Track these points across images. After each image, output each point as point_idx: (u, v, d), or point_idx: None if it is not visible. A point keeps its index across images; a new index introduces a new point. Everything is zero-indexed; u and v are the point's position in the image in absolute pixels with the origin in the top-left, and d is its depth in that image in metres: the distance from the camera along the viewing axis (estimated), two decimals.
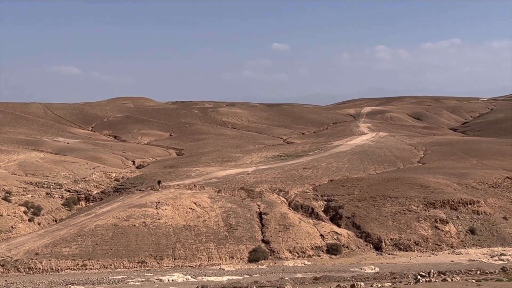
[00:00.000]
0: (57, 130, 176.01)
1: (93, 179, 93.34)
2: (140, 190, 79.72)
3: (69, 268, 54.88)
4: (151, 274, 53.25)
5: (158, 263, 56.91)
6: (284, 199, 74.32)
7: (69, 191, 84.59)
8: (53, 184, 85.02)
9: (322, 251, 61.43)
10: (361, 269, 54.99)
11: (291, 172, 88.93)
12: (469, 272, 48.21)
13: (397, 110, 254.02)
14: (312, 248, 61.36)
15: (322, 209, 72.10)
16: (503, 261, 57.67)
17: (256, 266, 57.23)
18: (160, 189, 77.37)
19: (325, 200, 73.99)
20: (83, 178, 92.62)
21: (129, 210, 66.12)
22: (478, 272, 48.04)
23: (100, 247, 57.95)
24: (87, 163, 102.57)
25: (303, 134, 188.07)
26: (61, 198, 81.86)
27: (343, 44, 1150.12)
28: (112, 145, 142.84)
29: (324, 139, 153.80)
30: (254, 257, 58.80)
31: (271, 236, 62.60)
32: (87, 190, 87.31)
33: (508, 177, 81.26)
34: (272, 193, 76.23)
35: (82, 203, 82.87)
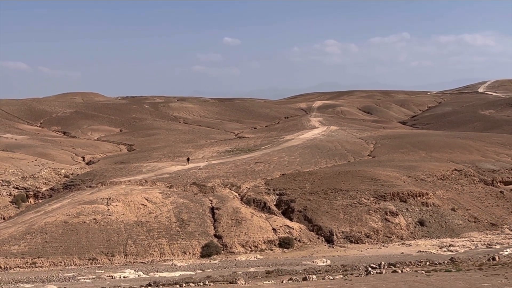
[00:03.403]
0: (4, 126, 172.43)
1: (42, 176, 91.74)
2: (90, 187, 78.72)
3: (18, 267, 53.90)
4: (102, 271, 52.62)
5: (109, 259, 56.32)
6: (237, 194, 74.32)
7: (17, 188, 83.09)
8: (0, 181, 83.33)
9: (275, 245, 61.65)
10: (313, 262, 55.37)
11: (243, 167, 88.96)
12: (419, 263, 48.93)
13: (347, 104, 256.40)
14: (264, 242, 61.52)
15: (274, 203, 72.33)
16: (452, 252, 58.78)
17: (208, 261, 57.13)
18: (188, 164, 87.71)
19: (277, 194, 74.23)
20: (32, 175, 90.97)
21: (79, 206, 65.20)
22: (428, 263, 48.80)
23: (50, 245, 57.05)
24: (35, 160, 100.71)
25: (255, 128, 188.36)
26: (9, 195, 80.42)
27: (293, 38, 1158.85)
28: (62, 141, 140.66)
29: (276, 133, 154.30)
30: (207, 252, 58.69)
31: (223, 231, 62.56)
32: (36, 187, 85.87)
33: (456, 169, 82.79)
34: (224, 188, 76.13)
35: (31, 200, 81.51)
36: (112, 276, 50.45)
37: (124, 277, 50.35)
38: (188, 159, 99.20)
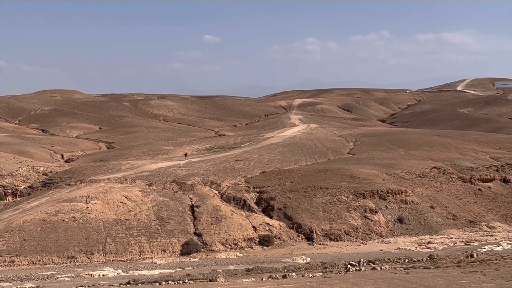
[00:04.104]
0: None
1: (20, 174, 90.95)
2: (69, 185, 78.20)
3: None
4: (81, 269, 52.37)
5: (89, 258, 56.04)
6: (216, 192, 74.21)
7: None
8: None
9: (255, 242, 61.70)
10: (292, 259, 55.48)
11: (223, 165, 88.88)
12: (398, 261, 49.21)
13: (327, 102, 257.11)
14: (244, 240, 61.54)
15: (254, 201, 72.35)
16: (430, 249, 59.19)
17: (188, 259, 57.04)
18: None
19: (257, 192, 74.24)
20: (10, 172, 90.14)
21: (58, 204, 64.75)
22: (406, 260, 49.10)
23: (28, 243, 56.63)
24: (14, 158, 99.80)
25: (235, 126, 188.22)
26: None
27: (274, 36, 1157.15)
28: (40, 139, 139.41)
29: (256, 131, 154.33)
30: (187, 250, 58.59)
31: (203, 229, 62.48)
32: (14, 185, 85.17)
33: (434, 167, 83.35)
34: (204, 185, 76.00)
35: (9, 198, 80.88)
36: (91, 275, 50.22)
37: (103, 275, 50.12)
38: (185, 154, 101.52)
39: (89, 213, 62.60)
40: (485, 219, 70.99)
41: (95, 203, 65.29)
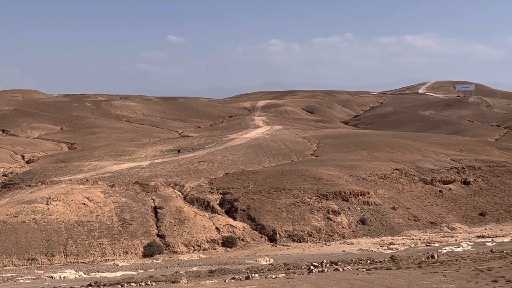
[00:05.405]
0: None
1: None
2: (30, 186, 77.10)
3: None
4: (42, 271, 51.64)
5: (49, 260, 55.30)
6: (180, 193, 73.88)
7: None
8: None
9: (218, 244, 61.56)
10: (256, 261, 55.50)
11: (187, 166, 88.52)
12: (360, 262, 49.61)
13: (291, 103, 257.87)
14: (207, 242, 61.37)
15: (218, 202, 72.17)
16: (392, 250, 59.76)
17: (151, 261, 56.67)
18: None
19: (221, 193, 74.09)
20: None
21: (18, 206, 63.75)
22: (369, 261, 49.53)
23: None
24: None
25: (198, 127, 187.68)
26: None
27: (237, 38, 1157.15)
28: (0, 140, 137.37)
29: (220, 132, 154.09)
30: (149, 251, 58.20)
31: (166, 230, 62.14)
32: None
33: (396, 169, 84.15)
34: (168, 187, 75.60)
35: None
36: (52, 277, 49.58)
37: (64, 277, 49.54)
38: (179, 151, 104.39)
39: (50, 215, 61.77)
40: (445, 221, 71.91)
41: (56, 204, 64.45)
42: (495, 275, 32.93)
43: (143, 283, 41.06)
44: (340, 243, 63.82)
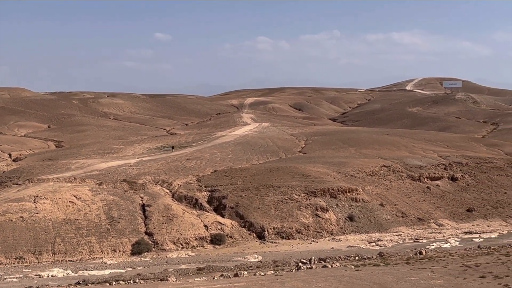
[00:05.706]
0: None
1: None
2: (17, 184, 76.72)
3: None
4: (30, 270, 51.46)
5: (37, 258, 55.09)
6: (168, 191, 73.74)
7: None
8: None
9: (206, 241, 61.54)
10: (244, 258, 55.54)
11: (175, 163, 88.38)
12: (348, 258, 49.71)
13: (279, 101, 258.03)
14: (196, 239, 61.32)
15: (206, 199, 72.12)
16: (380, 246, 60.00)
17: (139, 258, 56.58)
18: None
19: (209, 191, 74.02)
20: None
21: (5, 204, 63.41)
22: (357, 257, 49.63)
23: None
24: None
25: (186, 125, 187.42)
26: None
27: (225, 35, 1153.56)
28: None
29: (208, 130, 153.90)
30: (137, 249, 58.10)
31: (154, 228, 62.02)
32: None
33: (384, 165, 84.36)
34: (156, 184, 75.44)
35: None
36: (39, 275, 49.42)
37: (52, 275, 49.39)
38: (172, 147, 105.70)
39: (37, 213, 61.50)
40: (433, 217, 72.23)
41: (44, 202, 64.16)
42: (482, 271, 33.10)
43: (131, 281, 40.95)
44: (329, 240, 63.97)
